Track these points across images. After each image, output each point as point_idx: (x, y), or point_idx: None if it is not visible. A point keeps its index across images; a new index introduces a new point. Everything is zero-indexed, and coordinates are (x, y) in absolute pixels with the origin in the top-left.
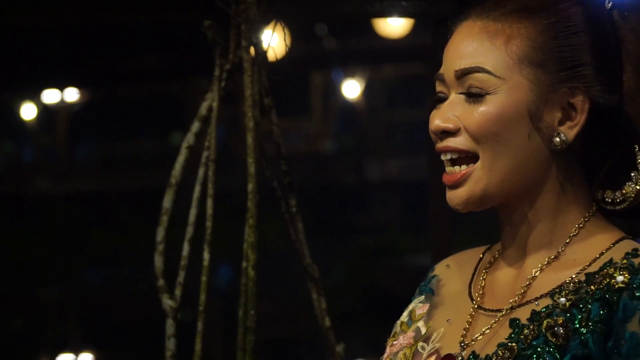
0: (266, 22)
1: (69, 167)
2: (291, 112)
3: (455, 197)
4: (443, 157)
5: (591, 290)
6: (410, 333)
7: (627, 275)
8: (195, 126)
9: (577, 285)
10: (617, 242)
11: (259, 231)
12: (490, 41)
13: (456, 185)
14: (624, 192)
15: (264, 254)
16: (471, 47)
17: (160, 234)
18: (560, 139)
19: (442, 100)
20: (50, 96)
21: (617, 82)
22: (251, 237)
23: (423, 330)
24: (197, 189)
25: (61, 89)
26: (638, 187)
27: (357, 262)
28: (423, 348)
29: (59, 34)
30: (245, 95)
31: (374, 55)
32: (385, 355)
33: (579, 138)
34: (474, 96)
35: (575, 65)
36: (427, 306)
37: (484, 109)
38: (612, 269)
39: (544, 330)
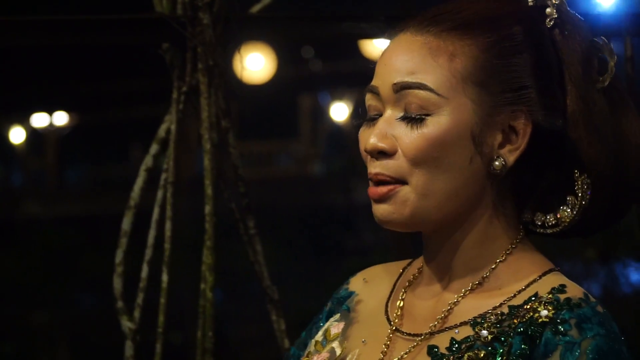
0: (223, 45)
1: (58, 190)
2: (280, 134)
3: (380, 209)
4: (371, 180)
5: (514, 323)
6: (325, 354)
7: (551, 309)
8: (154, 148)
9: (500, 317)
10: (544, 274)
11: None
12: (433, 58)
13: (383, 199)
14: (558, 216)
15: (244, 278)
16: (412, 63)
17: (119, 256)
18: (500, 162)
19: (372, 117)
20: (39, 120)
21: (560, 105)
22: (209, 258)
23: (338, 352)
24: (156, 211)
25: (50, 112)
26: (573, 213)
27: None
28: None
29: (46, 58)
30: (202, 117)
31: (361, 77)
32: None
33: (518, 161)
34: (414, 117)
35: (518, 87)
36: (342, 324)
37: (425, 132)
38: (536, 304)
39: None
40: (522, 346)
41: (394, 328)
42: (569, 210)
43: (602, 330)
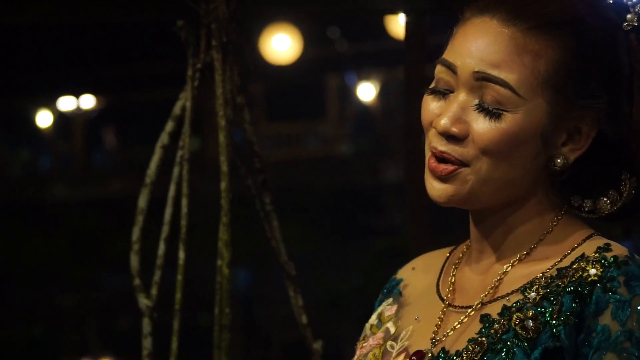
0: (238, 22)
1: (85, 173)
2: (307, 115)
3: (440, 189)
4: (434, 163)
5: (563, 283)
6: (380, 334)
7: (599, 268)
8: (170, 125)
9: (549, 280)
10: (587, 238)
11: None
12: (519, 56)
13: (445, 178)
14: (597, 205)
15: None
16: (498, 55)
17: (135, 233)
18: (562, 160)
19: (441, 91)
20: (66, 103)
21: (626, 114)
22: (225, 235)
23: (392, 330)
24: (172, 188)
25: (77, 95)
26: (613, 208)
27: (374, 264)
28: (392, 347)
29: (72, 41)
30: (217, 94)
31: (387, 57)
32: (355, 357)
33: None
34: (491, 110)
35: (591, 92)
36: (395, 307)
37: (502, 127)
38: (584, 263)
39: (513, 324)
40: (573, 305)
41: (447, 303)
42: (609, 203)
43: None
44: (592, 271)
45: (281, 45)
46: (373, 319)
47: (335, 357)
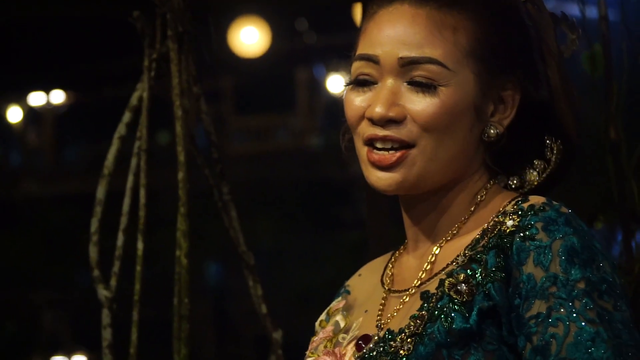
0: (193, 12)
1: (56, 169)
2: (277, 108)
3: (387, 178)
4: (380, 145)
5: (485, 241)
6: (329, 327)
7: (517, 218)
8: (127, 116)
9: (474, 242)
10: (513, 199)
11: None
12: (439, 32)
13: (390, 167)
14: (526, 178)
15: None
16: (419, 36)
17: (94, 224)
18: (494, 130)
19: (365, 83)
20: (36, 99)
21: (544, 78)
22: (183, 225)
23: (342, 324)
24: (130, 179)
25: (47, 91)
26: (541, 177)
27: (345, 256)
28: (343, 338)
29: (42, 37)
30: (173, 84)
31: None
32: (307, 351)
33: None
34: (424, 86)
35: (510, 60)
36: (343, 302)
37: (437, 101)
38: (502, 217)
39: (446, 289)
40: (496, 259)
41: (387, 289)
42: (535, 173)
43: (570, 229)
44: (509, 222)
45: (249, 38)
46: (322, 315)
47: (304, 349)
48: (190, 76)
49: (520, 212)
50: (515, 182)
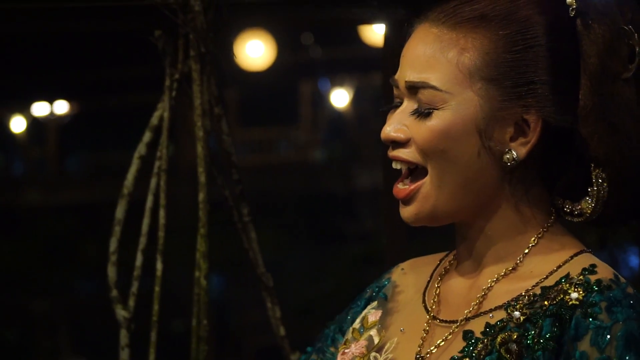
0: (215, 32)
1: (59, 178)
2: (280, 121)
3: (405, 212)
4: (394, 166)
5: (545, 305)
6: (363, 342)
7: (581, 292)
8: (147, 136)
9: (532, 298)
10: (575, 255)
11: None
12: (442, 53)
13: (406, 200)
14: (580, 207)
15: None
16: (423, 58)
17: (113, 244)
18: (511, 155)
19: (396, 103)
20: (40, 108)
21: (571, 101)
22: (203, 246)
23: (376, 340)
24: (150, 199)
25: (50, 101)
26: (593, 205)
27: (347, 270)
28: (376, 358)
29: (46, 46)
30: (195, 104)
31: (361, 64)
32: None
33: (535, 153)
34: (421, 109)
35: (529, 81)
36: (379, 313)
37: (431, 124)
38: (567, 285)
39: (497, 345)
40: (553, 329)
41: (432, 315)
42: (589, 201)
43: (633, 313)
44: (574, 295)
45: (255, 51)
46: (356, 322)
47: None
48: (212, 97)
49: (585, 286)
50: (568, 206)
